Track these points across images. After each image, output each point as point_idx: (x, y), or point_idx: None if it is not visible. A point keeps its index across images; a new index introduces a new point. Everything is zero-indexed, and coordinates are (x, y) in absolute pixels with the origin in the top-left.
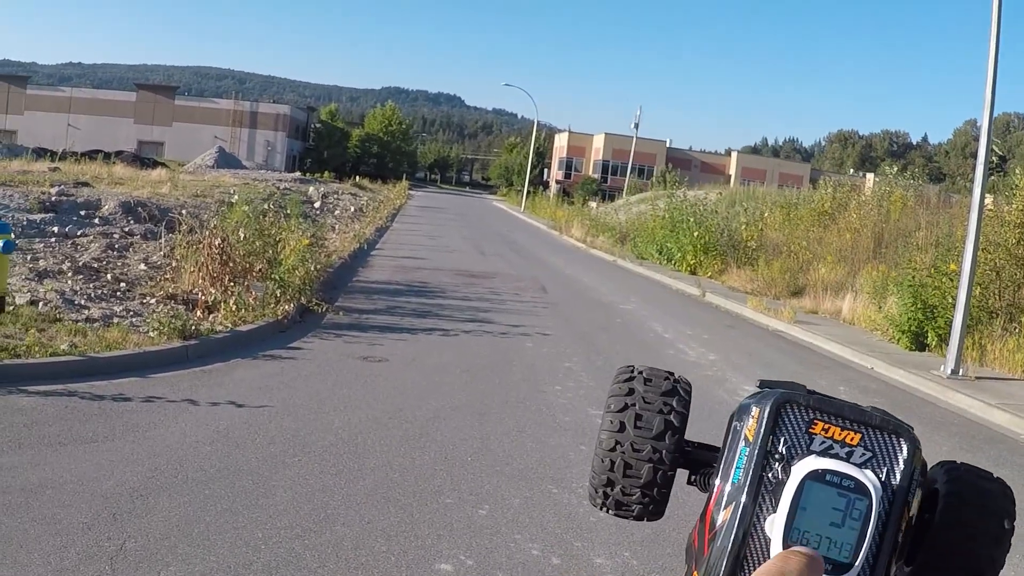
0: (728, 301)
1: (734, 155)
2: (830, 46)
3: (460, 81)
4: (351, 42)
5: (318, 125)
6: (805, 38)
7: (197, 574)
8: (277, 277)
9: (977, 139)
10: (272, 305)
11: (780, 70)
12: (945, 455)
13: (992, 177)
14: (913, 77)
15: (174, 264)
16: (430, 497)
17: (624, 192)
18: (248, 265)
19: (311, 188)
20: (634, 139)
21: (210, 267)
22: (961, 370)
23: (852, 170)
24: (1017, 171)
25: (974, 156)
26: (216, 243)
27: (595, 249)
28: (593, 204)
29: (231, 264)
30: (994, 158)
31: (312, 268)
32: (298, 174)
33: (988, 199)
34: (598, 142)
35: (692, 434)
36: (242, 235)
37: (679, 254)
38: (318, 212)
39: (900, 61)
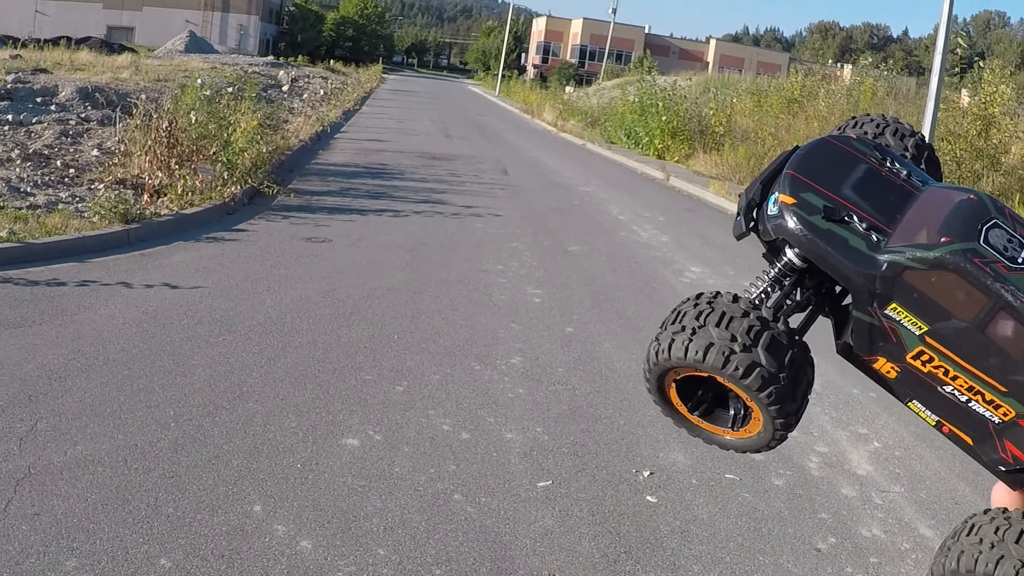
0: (691, 185)
1: (713, 42)
2: None
3: None
4: None
5: (292, 8)
6: None
7: (103, 452)
8: (225, 159)
9: (958, 35)
10: (219, 188)
11: None
12: None
13: (966, 73)
14: None
15: (123, 149)
16: (349, 374)
17: (600, 77)
18: (199, 148)
19: (281, 72)
20: (611, 24)
21: (157, 151)
22: None
23: (831, 61)
24: (983, 66)
25: (953, 51)
26: (163, 126)
27: (565, 133)
28: (569, 89)
29: (179, 147)
30: (959, 51)
31: (264, 150)
32: (271, 58)
33: (964, 95)
34: (576, 27)
35: (634, 313)
36: (193, 118)
37: (647, 138)
38: (285, 96)
39: None
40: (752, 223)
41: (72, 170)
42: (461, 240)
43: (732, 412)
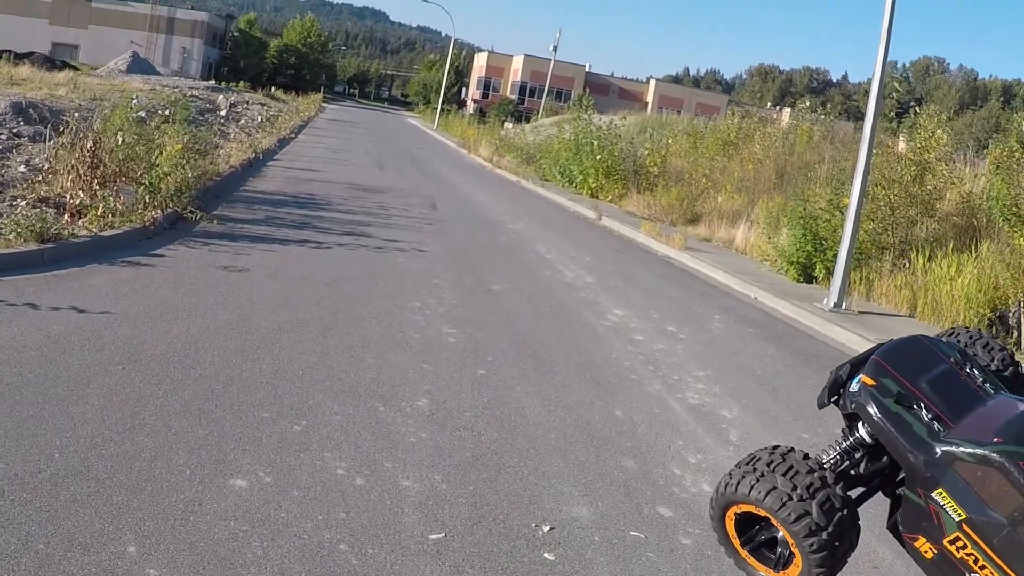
0: (623, 226)
1: (653, 83)
2: None
3: None
4: None
5: (236, 34)
6: None
7: None
8: (147, 182)
9: (895, 79)
10: (141, 211)
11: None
12: (813, 387)
13: (903, 119)
14: (836, 14)
15: (48, 167)
16: (247, 411)
17: (540, 114)
18: (125, 170)
19: (220, 96)
20: (552, 62)
21: (81, 170)
22: (844, 303)
23: (770, 104)
24: (918, 111)
25: (890, 96)
26: (88, 146)
27: (500, 169)
28: (509, 125)
29: (103, 168)
30: (895, 96)
31: (189, 175)
32: (212, 82)
33: (901, 141)
34: (517, 63)
35: (551, 356)
36: (121, 139)
37: (580, 177)
38: (223, 121)
39: None
40: (835, 397)
41: None
42: (381, 275)
43: (776, 555)
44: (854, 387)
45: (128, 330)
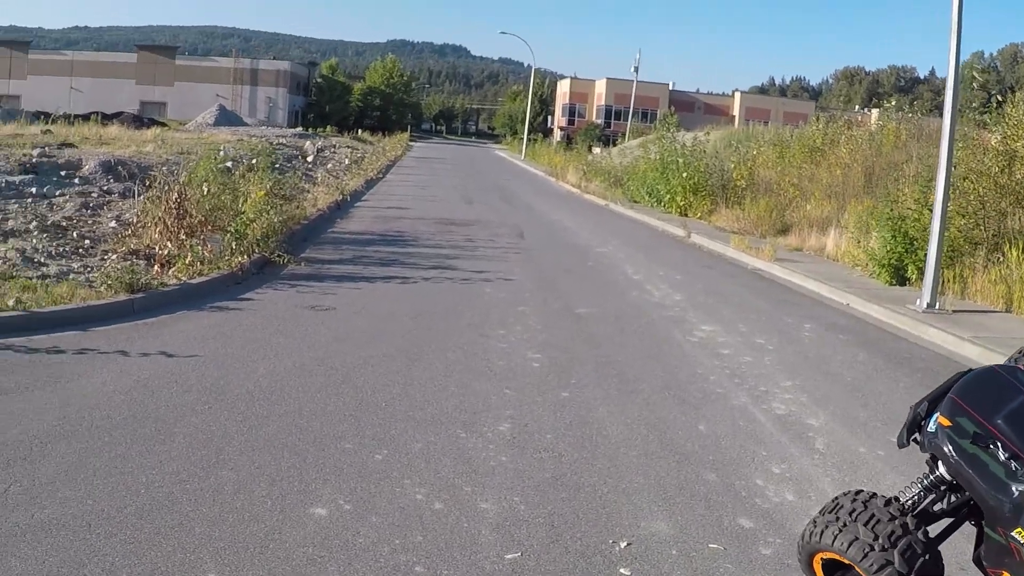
0: (712, 241)
1: (738, 95)
2: None
3: (465, 31)
4: None
5: (319, 80)
6: None
7: (69, 516)
8: (233, 229)
9: (975, 68)
10: (228, 258)
11: (787, 6)
12: (905, 391)
13: (999, 108)
14: (919, 10)
15: (137, 221)
16: (330, 442)
17: (626, 136)
18: (212, 219)
19: (307, 142)
20: (634, 83)
21: (168, 222)
22: (938, 303)
23: (858, 106)
24: (1001, 99)
25: (970, 86)
26: (173, 198)
27: (588, 194)
28: (596, 150)
29: (188, 218)
30: (974, 85)
31: (274, 220)
32: (299, 129)
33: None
34: (600, 87)
35: (635, 375)
36: (206, 189)
37: (668, 195)
38: (310, 166)
39: None
40: (914, 436)
41: (87, 241)
42: (467, 306)
43: None
44: (931, 427)
45: (215, 371)
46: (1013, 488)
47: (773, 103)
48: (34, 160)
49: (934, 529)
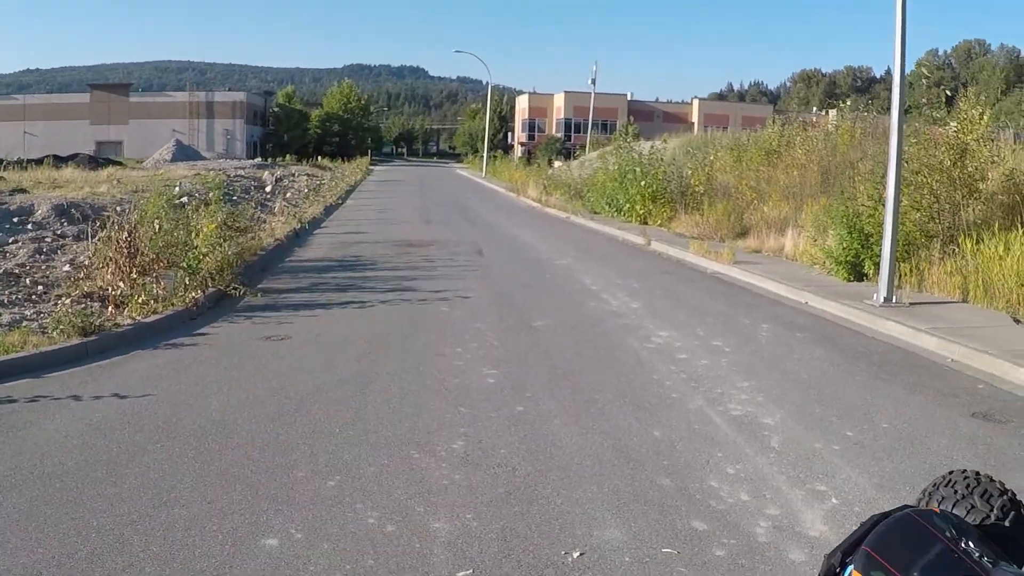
0: (672, 247)
1: (696, 103)
2: None
3: (422, 52)
4: (311, 23)
5: (276, 109)
6: None
7: (19, 566)
8: (186, 264)
9: (923, 65)
10: (182, 294)
11: (743, 12)
12: (861, 384)
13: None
14: (874, 10)
15: (88, 263)
16: (282, 472)
17: (586, 149)
18: (165, 256)
19: (265, 172)
20: (592, 95)
21: (119, 262)
22: (895, 297)
23: (816, 108)
24: (949, 94)
25: (937, 85)
26: (123, 237)
27: (549, 208)
28: (557, 164)
29: (140, 257)
30: (924, 82)
31: (228, 252)
32: (258, 160)
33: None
34: (559, 101)
35: (590, 385)
36: (157, 226)
37: (628, 205)
38: (269, 196)
39: None
40: None
41: (40, 287)
42: (423, 326)
43: None
44: None
45: (168, 409)
46: None
47: (732, 108)
48: None
49: None
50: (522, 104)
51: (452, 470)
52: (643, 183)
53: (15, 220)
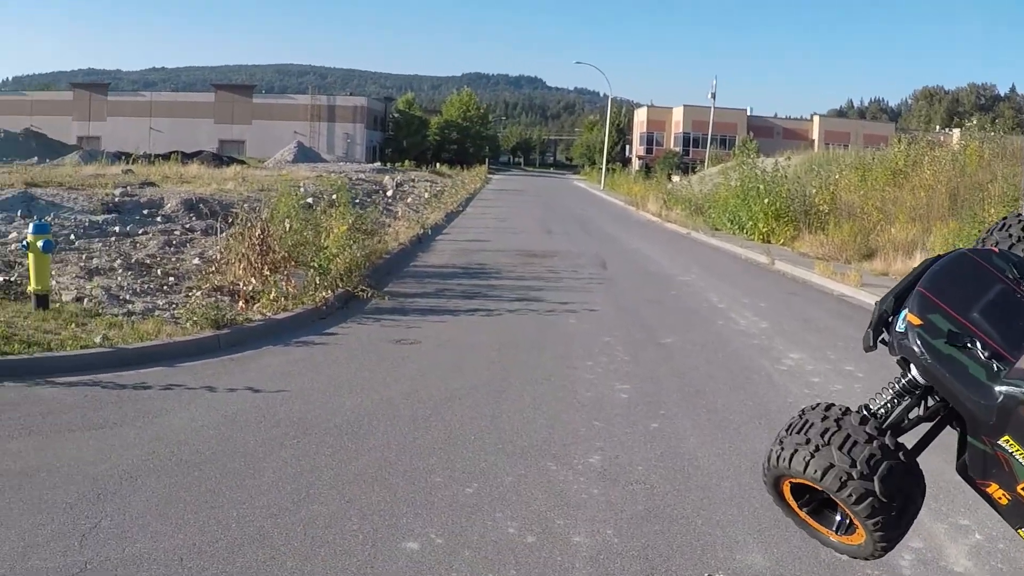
0: (796, 267)
1: (816, 119)
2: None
3: (540, 63)
4: (430, 31)
5: (396, 115)
6: None
7: (160, 551)
8: (316, 264)
9: None
10: (312, 293)
11: (864, 28)
12: None
13: None
14: (998, 26)
15: (220, 257)
16: (420, 476)
17: (705, 163)
18: (295, 254)
19: (386, 177)
20: (712, 109)
21: (251, 258)
22: None
23: (938, 127)
24: None
25: None
26: (256, 234)
27: (669, 223)
28: (675, 178)
29: (272, 254)
30: None
31: (358, 254)
32: (377, 164)
33: None
34: (678, 115)
35: (725, 405)
36: (288, 225)
37: (750, 222)
38: (390, 200)
39: (983, 8)
40: (881, 336)
41: (172, 278)
42: (552, 337)
43: (839, 518)
44: (900, 326)
45: (302, 406)
46: (996, 390)
47: (852, 126)
48: (117, 199)
49: (912, 439)
50: (640, 117)
51: (590, 484)
52: (766, 200)
53: (145, 212)
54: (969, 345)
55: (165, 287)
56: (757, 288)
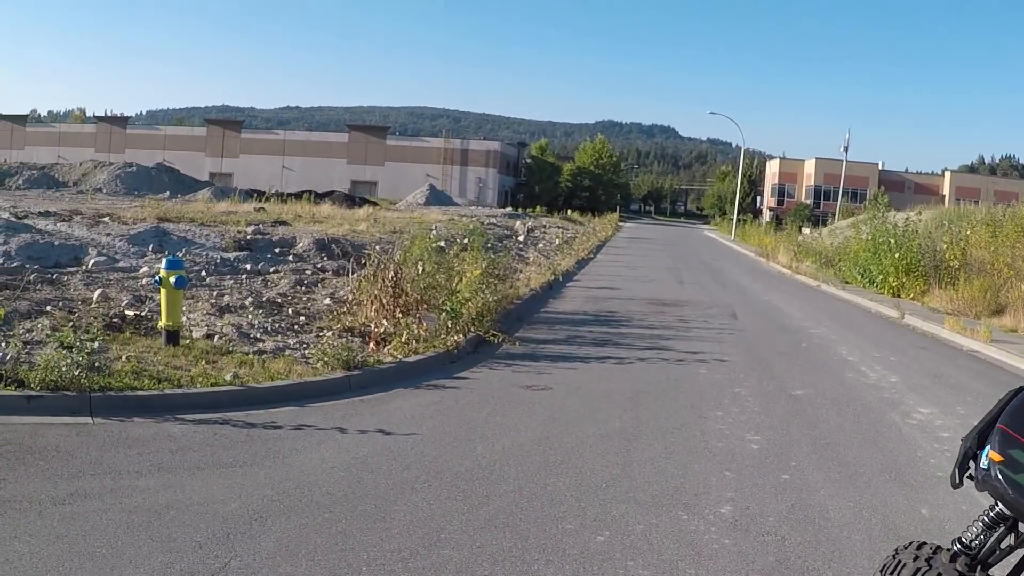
0: (926, 322)
1: (947, 174)
2: None
3: (673, 112)
4: (565, 77)
5: (529, 160)
6: (1021, 46)
7: None
8: (448, 308)
9: None
10: (443, 336)
11: (996, 86)
12: None
13: None
14: None
15: (352, 298)
16: (551, 523)
17: (836, 216)
18: (427, 297)
19: (517, 222)
20: (844, 163)
21: (384, 300)
22: None
23: None
24: None
25: None
26: (389, 276)
27: (800, 275)
28: (806, 230)
29: (404, 297)
30: None
31: (490, 299)
32: (509, 209)
33: None
34: (809, 167)
35: (855, 458)
36: (420, 268)
37: (880, 276)
38: (521, 245)
39: None
40: (968, 472)
41: (302, 317)
42: (683, 386)
43: None
44: (983, 463)
45: (433, 449)
46: None
47: (983, 182)
48: (249, 237)
49: (1006, 567)
50: (772, 168)
51: (721, 535)
52: (897, 255)
53: (277, 251)
54: None
55: (296, 326)
56: (887, 341)
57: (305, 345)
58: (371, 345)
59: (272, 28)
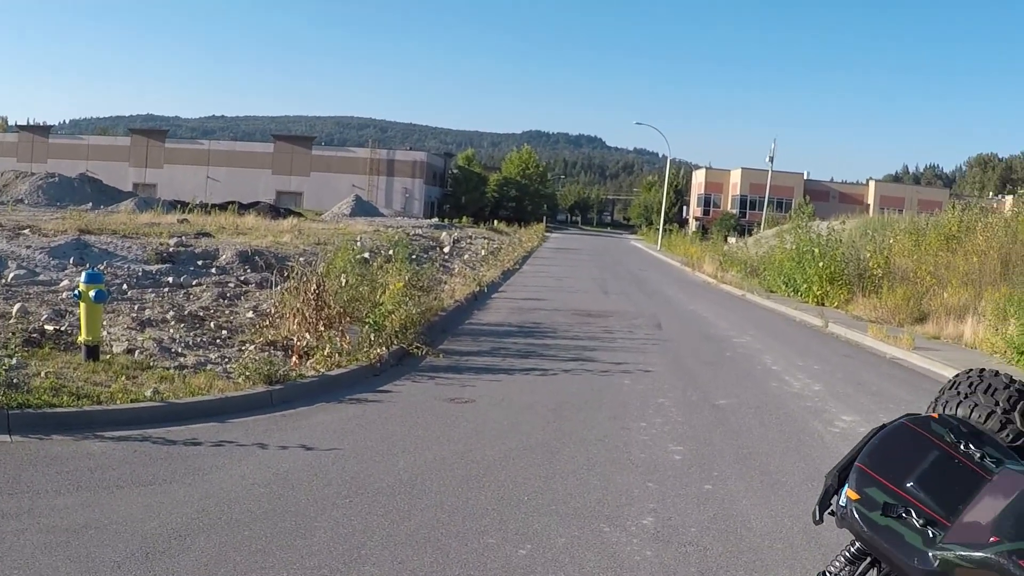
0: (850, 330)
1: (872, 184)
2: (969, 65)
3: (600, 122)
4: (492, 88)
5: (455, 171)
6: (944, 58)
7: None
8: (372, 320)
9: None
10: (367, 349)
11: (920, 94)
12: None
13: None
14: None
15: (274, 311)
16: (472, 537)
17: (761, 226)
18: (350, 310)
19: (443, 233)
20: (769, 172)
21: (306, 313)
22: None
23: (991, 193)
24: None
25: None
26: (311, 289)
27: (725, 284)
28: (732, 240)
29: (327, 310)
30: None
31: (414, 311)
32: (435, 220)
33: None
34: (735, 177)
35: (778, 467)
36: (343, 281)
37: (805, 285)
38: (447, 256)
39: None
40: (829, 509)
41: (224, 331)
42: (607, 397)
43: None
44: (842, 500)
45: (355, 465)
46: (930, 555)
47: (907, 191)
48: (171, 249)
49: None
50: (698, 178)
51: (643, 546)
52: (821, 264)
53: (200, 263)
54: (904, 515)
55: (218, 340)
56: (811, 350)
57: (227, 359)
58: (294, 359)
59: (196, 36)
